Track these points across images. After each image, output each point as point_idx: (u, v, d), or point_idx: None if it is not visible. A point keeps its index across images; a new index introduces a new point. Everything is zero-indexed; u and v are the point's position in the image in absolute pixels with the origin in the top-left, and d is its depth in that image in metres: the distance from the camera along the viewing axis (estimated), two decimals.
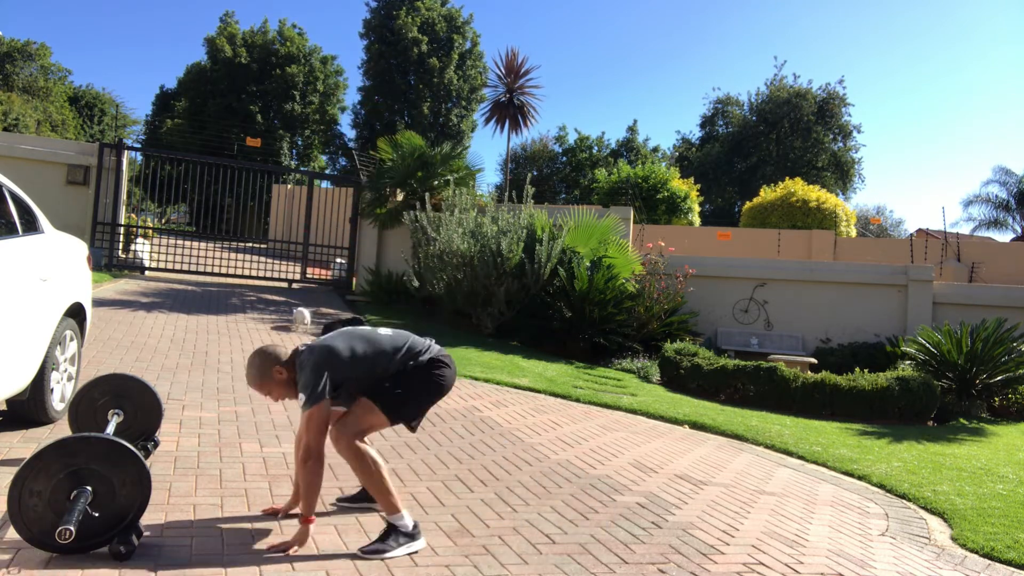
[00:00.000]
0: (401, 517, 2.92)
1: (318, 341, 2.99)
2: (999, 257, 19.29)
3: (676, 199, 22.58)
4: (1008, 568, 3.75)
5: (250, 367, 2.97)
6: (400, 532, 2.90)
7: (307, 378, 2.83)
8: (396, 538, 2.88)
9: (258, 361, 2.96)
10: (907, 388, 8.19)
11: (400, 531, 2.90)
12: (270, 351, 2.98)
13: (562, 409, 6.40)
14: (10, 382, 3.54)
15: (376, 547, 2.85)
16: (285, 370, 2.94)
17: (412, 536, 2.93)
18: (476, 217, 10.95)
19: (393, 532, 2.90)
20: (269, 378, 2.94)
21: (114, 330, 7.45)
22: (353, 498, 3.42)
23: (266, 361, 2.95)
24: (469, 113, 38.68)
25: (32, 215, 4.26)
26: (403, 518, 2.92)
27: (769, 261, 14.16)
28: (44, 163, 12.74)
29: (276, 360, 2.95)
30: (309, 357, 2.88)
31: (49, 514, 2.50)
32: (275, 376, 2.94)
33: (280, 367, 2.94)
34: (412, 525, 2.95)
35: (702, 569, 3.07)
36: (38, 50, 40.46)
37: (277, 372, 2.94)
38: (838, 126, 40.22)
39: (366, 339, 3.02)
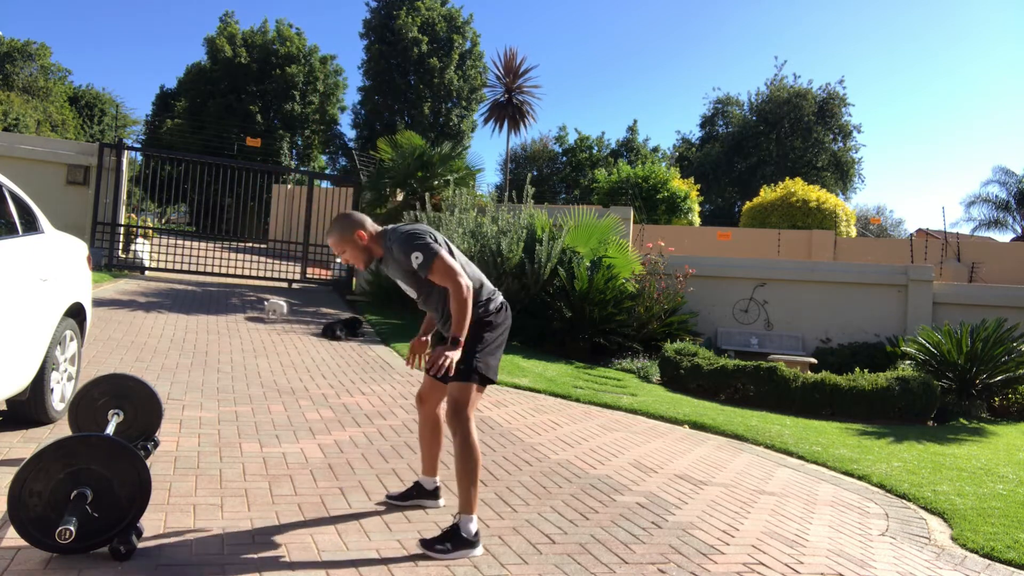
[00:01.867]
0: (471, 520, 2.92)
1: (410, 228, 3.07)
2: (999, 257, 19.29)
3: (676, 199, 22.58)
4: (1008, 568, 3.75)
5: (334, 223, 3.08)
6: (461, 537, 2.88)
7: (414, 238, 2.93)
8: (455, 542, 2.87)
9: (345, 220, 3.07)
10: (907, 388, 8.19)
11: (461, 535, 2.88)
12: (357, 216, 3.11)
13: (562, 409, 6.40)
14: (10, 382, 3.54)
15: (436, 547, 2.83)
16: (367, 236, 3.05)
17: (472, 544, 2.91)
18: (476, 217, 10.95)
19: (456, 535, 2.88)
20: (349, 236, 3.05)
21: (114, 330, 7.45)
22: (402, 496, 3.44)
23: (352, 223, 3.06)
24: (469, 113, 38.69)
25: (32, 215, 4.26)
26: (472, 521, 2.92)
27: (769, 261, 14.16)
28: (44, 163, 12.75)
29: (361, 225, 3.06)
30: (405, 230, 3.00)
31: (49, 514, 2.49)
32: (355, 237, 3.04)
33: (363, 232, 3.05)
34: (475, 531, 2.93)
35: (702, 569, 3.07)
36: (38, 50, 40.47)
37: (359, 235, 3.04)
38: (838, 126, 40.23)
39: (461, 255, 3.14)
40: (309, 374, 6.40)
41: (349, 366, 6.99)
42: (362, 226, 3.06)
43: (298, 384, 5.94)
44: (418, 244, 2.92)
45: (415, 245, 2.92)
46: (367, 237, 3.05)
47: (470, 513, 2.92)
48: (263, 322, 9.14)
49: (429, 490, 3.43)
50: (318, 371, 6.60)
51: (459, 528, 2.90)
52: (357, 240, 3.04)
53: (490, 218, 10.86)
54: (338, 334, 8.58)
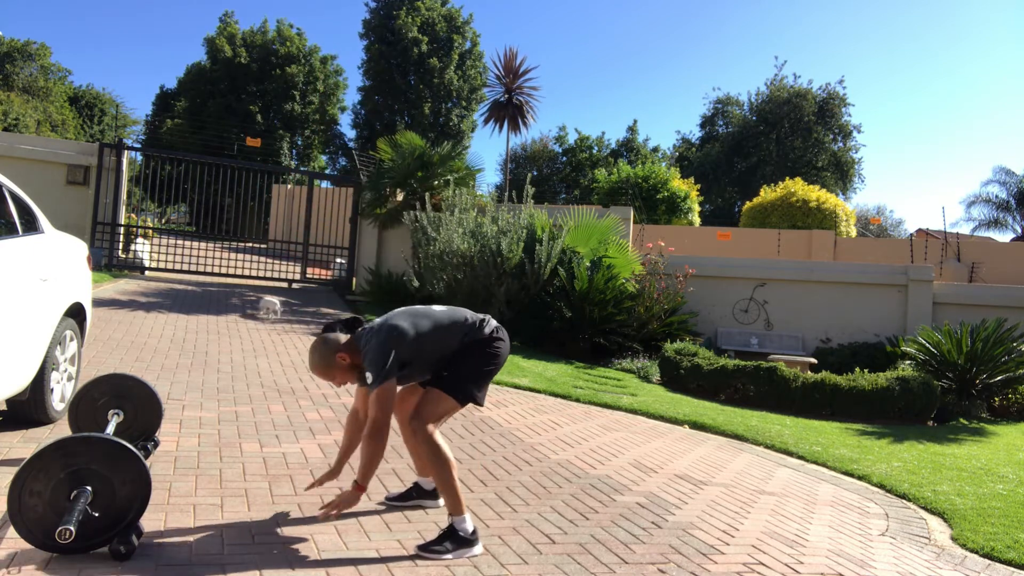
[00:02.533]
0: (464, 520, 2.92)
1: (381, 320, 3.05)
2: (999, 257, 19.29)
3: (676, 199, 22.58)
4: (1008, 568, 3.75)
5: (313, 354, 3.05)
6: (458, 537, 2.90)
7: (374, 357, 2.89)
8: (452, 542, 2.88)
9: (321, 349, 3.03)
10: (907, 388, 8.19)
11: (458, 535, 2.90)
12: (331, 338, 3.06)
13: (562, 409, 6.40)
14: (10, 382, 3.54)
15: (433, 548, 2.85)
16: (348, 355, 3.02)
17: (470, 542, 2.92)
18: (476, 217, 10.95)
19: (452, 535, 2.90)
20: (333, 364, 3.02)
21: (114, 330, 7.45)
22: (401, 496, 3.45)
23: (329, 348, 3.03)
24: (469, 113, 38.69)
25: (32, 215, 4.26)
26: (465, 521, 2.93)
27: (769, 261, 14.15)
28: (44, 163, 12.74)
29: (338, 346, 3.03)
30: (374, 337, 2.95)
31: (49, 514, 2.49)
32: (339, 362, 3.02)
33: (343, 353, 3.02)
34: (472, 529, 2.94)
35: (702, 569, 3.07)
36: (38, 50, 40.46)
37: (341, 358, 3.02)
38: (838, 126, 40.22)
39: (427, 316, 3.09)
40: (309, 374, 6.40)
41: None
42: (339, 348, 3.01)
43: (298, 384, 5.94)
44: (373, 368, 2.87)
45: (374, 364, 2.88)
46: (348, 356, 3.01)
47: (460, 514, 2.93)
48: (262, 322, 9.14)
49: (428, 490, 3.43)
50: None
51: (455, 528, 2.91)
52: (341, 362, 3.01)
53: (490, 218, 10.86)
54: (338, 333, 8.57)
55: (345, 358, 3.01)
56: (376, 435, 2.89)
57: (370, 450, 2.90)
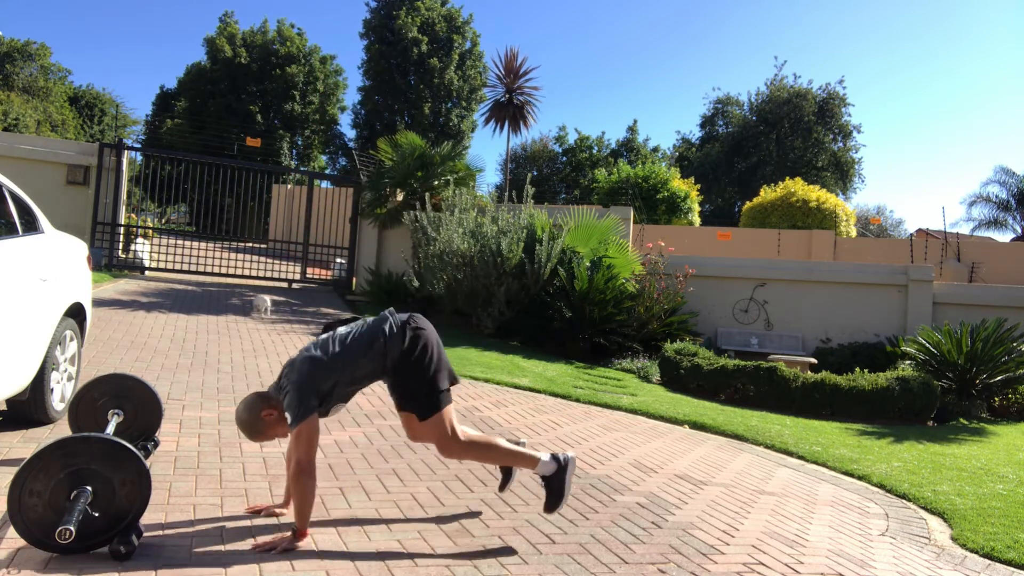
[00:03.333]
0: (544, 463, 3.11)
1: (294, 359, 2.94)
2: (999, 257, 19.30)
3: (676, 199, 22.58)
4: (1008, 568, 3.75)
5: (241, 425, 2.95)
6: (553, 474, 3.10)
7: (291, 398, 2.80)
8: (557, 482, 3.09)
9: (244, 415, 2.93)
10: (907, 388, 8.19)
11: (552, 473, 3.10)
12: (250, 399, 2.96)
13: (562, 409, 6.40)
14: (10, 382, 3.54)
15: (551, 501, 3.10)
16: (274, 410, 2.93)
17: (561, 463, 3.12)
18: (476, 217, 10.95)
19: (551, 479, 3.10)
20: (263, 424, 2.94)
21: (114, 330, 7.45)
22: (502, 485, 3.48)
23: (252, 410, 2.93)
24: (469, 113, 38.69)
25: (32, 215, 4.26)
26: (543, 459, 3.12)
27: (769, 261, 14.15)
28: (44, 163, 12.75)
29: (260, 404, 2.94)
30: (291, 376, 2.85)
31: (49, 514, 2.49)
32: (267, 420, 2.93)
33: (267, 408, 2.93)
34: (550, 456, 3.14)
35: (702, 569, 3.07)
36: (38, 50, 40.47)
37: (267, 415, 2.93)
38: (838, 126, 40.23)
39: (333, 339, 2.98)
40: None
41: None
42: (266, 404, 2.93)
43: None
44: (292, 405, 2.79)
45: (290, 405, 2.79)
46: (275, 411, 2.93)
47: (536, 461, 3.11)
48: (261, 321, 9.14)
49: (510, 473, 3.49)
50: None
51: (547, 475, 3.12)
52: (268, 419, 2.93)
53: (490, 218, 10.86)
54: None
55: (272, 413, 2.92)
56: (301, 476, 2.78)
57: (300, 491, 2.79)
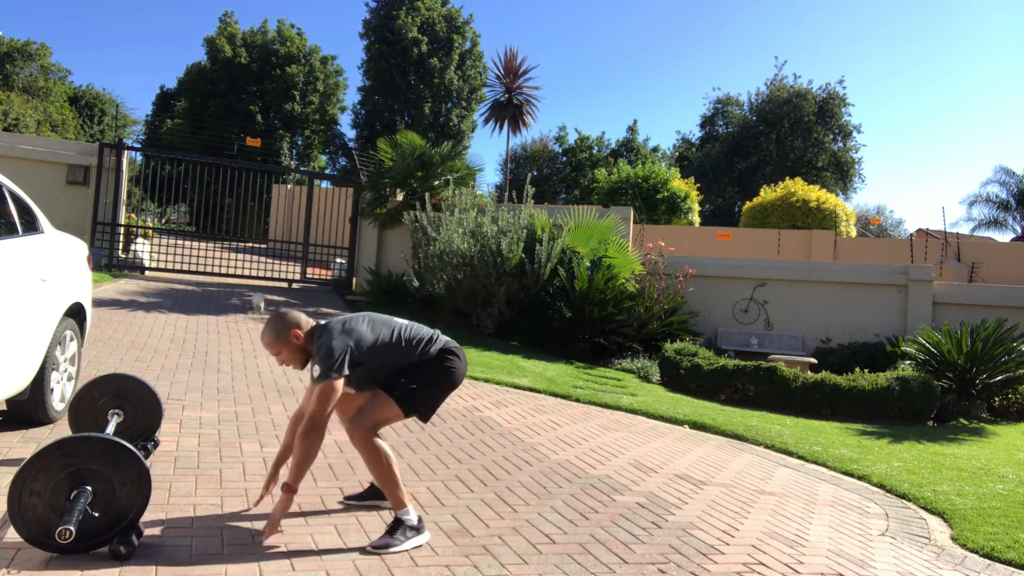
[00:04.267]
0: (407, 512, 2.97)
1: (341, 320, 3.04)
2: (999, 257, 19.29)
3: (676, 199, 22.58)
4: (1008, 568, 3.75)
5: (268, 325, 3.04)
6: (407, 526, 2.95)
7: (325, 352, 2.87)
8: (403, 532, 2.94)
9: (279, 321, 3.02)
10: (907, 388, 8.18)
11: (407, 525, 2.95)
12: (292, 315, 3.05)
13: (562, 409, 6.40)
14: (10, 382, 3.53)
15: (384, 541, 2.90)
16: (303, 336, 3.01)
17: (417, 530, 2.99)
18: (476, 217, 10.95)
19: (400, 527, 2.95)
20: (285, 339, 3.00)
21: (114, 330, 7.45)
22: (360, 496, 3.44)
23: (287, 323, 3.01)
24: (469, 113, 38.68)
25: (32, 215, 4.26)
26: (409, 512, 2.98)
27: (769, 261, 14.15)
28: (44, 163, 12.74)
29: (296, 324, 3.02)
30: (329, 332, 2.94)
31: (49, 514, 2.49)
32: (291, 339, 3.00)
33: (299, 331, 3.00)
34: (417, 520, 3.00)
35: (702, 569, 3.07)
36: (38, 50, 40.45)
37: (295, 335, 3.00)
38: (838, 126, 40.21)
39: (388, 325, 3.10)
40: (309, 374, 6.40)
41: None
42: (297, 325, 3.00)
43: (298, 384, 5.94)
44: (322, 361, 2.85)
45: (324, 359, 2.85)
46: (303, 337, 3.00)
47: (404, 507, 2.97)
48: (261, 321, 9.14)
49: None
50: None
51: (400, 520, 2.96)
52: (293, 340, 3.00)
53: (490, 218, 10.86)
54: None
55: (299, 336, 3.00)
56: (312, 433, 2.80)
57: (304, 448, 2.81)
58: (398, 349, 3.06)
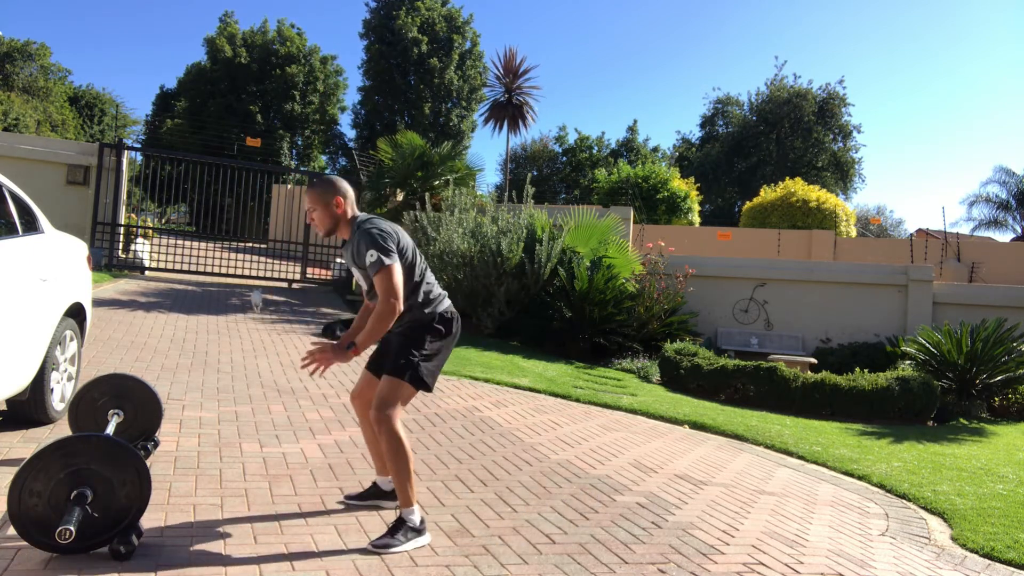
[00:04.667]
0: (412, 512, 2.98)
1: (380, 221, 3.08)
2: (999, 257, 19.29)
3: (676, 199, 22.57)
4: (1008, 568, 3.75)
5: (320, 181, 3.08)
6: (408, 527, 2.95)
7: (374, 239, 2.92)
8: (405, 532, 2.94)
9: (326, 183, 3.07)
10: (907, 388, 8.18)
11: (408, 526, 2.95)
12: (344, 184, 3.11)
13: (562, 409, 6.40)
14: (10, 382, 3.54)
15: (385, 541, 2.90)
16: (346, 206, 3.06)
17: (419, 531, 2.98)
18: (476, 217, 10.95)
19: (402, 527, 2.95)
20: (328, 200, 3.04)
21: (114, 330, 7.45)
22: (360, 496, 3.43)
23: (337, 188, 3.06)
24: (469, 113, 38.66)
25: (32, 215, 4.26)
26: (413, 512, 2.98)
27: (769, 261, 14.15)
28: (44, 163, 12.75)
29: (344, 193, 3.06)
30: (375, 224, 2.99)
31: (49, 514, 2.49)
32: (332, 204, 3.04)
33: (342, 200, 3.05)
34: (420, 521, 3.00)
35: (702, 569, 3.07)
36: (38, 50, 40.43)
37: (336, 203, 3.04)
38: (838, 126, 40.20)
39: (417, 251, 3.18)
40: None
41: (349, 366, 6.98)
42: (344, 196, 3.07)
43: (298, 384, 5.94)
44: (378, 246, 2.91)
45: (376, 245, 2.91)
46: (342, 210, 3.06)
47: (410, 506, 2.98)
48: (261, 321, 9.14)
49: (386, 491, 3.39)
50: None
51: (404, 519, 2.96)
52: (333, 206, 3.05)
53: (490, 218, 10.86)
54: (338, 334, 8.53)
55: (341, 206, 3.04)
56: (387, 316, 2.88)
57: (376, 326, 2.89)
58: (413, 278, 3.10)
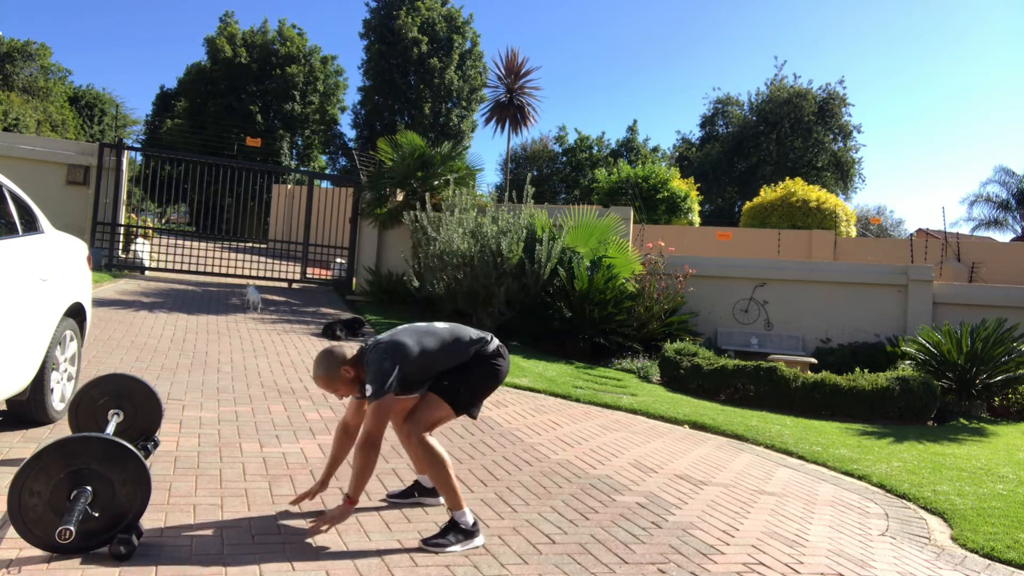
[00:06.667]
0: (464, 514, 3.02)
1: (387, 336, 3.08)
2: (999, 257, 19.29)
3: (676, 199, 22.58)
4: (1008, 568, 3.75)
5: (318, 366, 3.07)
6: (460, 529, 2.99)
7: (376, 371, 2.92)
8: (456, 534, 2.98)
9: (327, 361, 3.06)
10: (907, 388, 8.18)
11: (460, 527, 2.99)
12: (337, 351, 3.10)
13: (562, 409, 6.40)
14: (10, 382, 3.53)
15: (437, 541, 2.95)
16: (353, 369, 3.05)
17: (471, 533, 3.01)
18: (476, 217, 10.94)
19: (454, 528, 2.99)
20: (337, 376, 3.04)
21: (114, 330, 7.45)
22: (402, 493, 3.51)
23: (334, 360, 3.05)
24: (469, 113, 38.66)
25: (32, 215, 4.26)
26: (465, 515, 3.02)
27: (769, 261, 14.15)
28: (44, 163, 12.75)
29: (343, 359, 3.06)
30: (378, 353, 2.98)
31: (49, 514, 2.50)
32: (343, 375, 3.04)
33: (348, 366, 3.05)
34: (472, 522, 3.04)
35: (702, 569, 3.07)
36: (38, 50, 40.43)
37: (345, 371, 3.04)
38: (838, 126, 40.20)
39: (431, 334, 3.13)
40: (309, 374, 6.40)
41: None
42: (344, 361, 3.04)
43: (298, 384, 5.94)
44: (374, 380, 2.90)
45: (376, 378, 2.90)
46: (353, 370, 3.04)
47: (460, 508, 3.01)
48: (261, 321, 9.14)
49: (428, 488, 3.45)
50: None
51: (456, 521, 2.99)
52: (345, 375, 3.04)
53: (490, 218, 10.86)
54: (338, 334, 8.58)
55: (349, 371, 3.04)
56: (369, 447, 2.92)
57: (362, 462, 2.92)
58: (443, 355, 3.11)
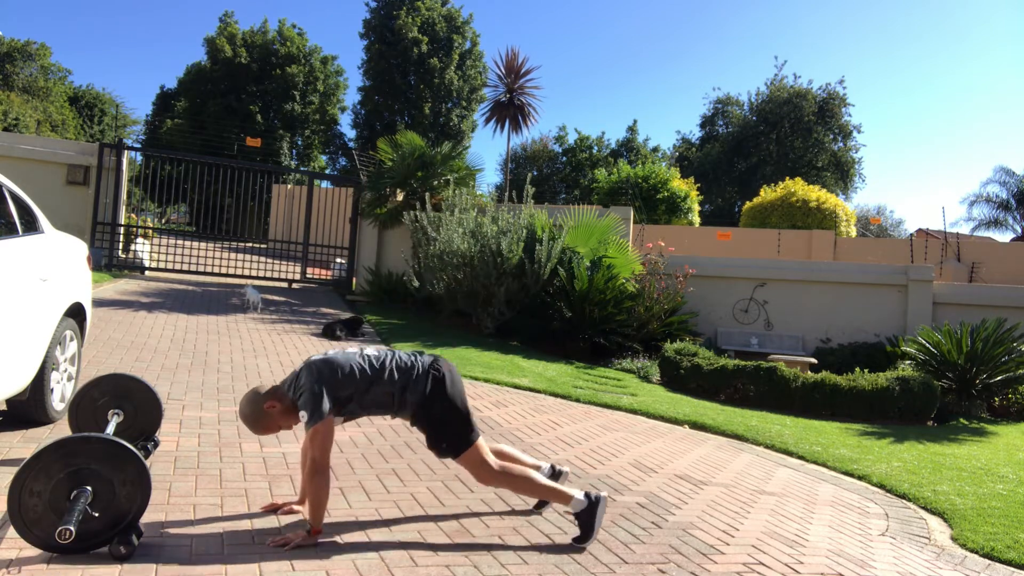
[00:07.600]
0: (577, 502, 3.15)
1: (315, 358, 3.01)
2: (999, 257, 19.29)
3: (676, 199, 22.58)
4: (1008, 568, 3.75)
5: (244, 418, 2.98)
6: (586, 511, 3.13)
7: (307, 396, 2.86)
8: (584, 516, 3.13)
9: (247, 408, 2.96)
10: (907, 388, 8.18)
11: (585, 513, 3.13)
12: (250, 394, 2.98)
13: (562, 409, 6.40)
14: (10, 382, 3.54)
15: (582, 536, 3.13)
16: (276, 402, 2.95)
17: (592, 501, 3.16)
18: (476, 217, 10.94)
19: (581, 515, 3.14)
20: (266, 417, 2.96)
21: (114, 330, 7.45)
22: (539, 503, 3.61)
23: (254, 403, 2.95)
24: (469, 113, 38.66)
25: (32, 215, 4.26)
26: (578, 499, 3.16)
27: (769, 261, 14.15)
28: (44, 163, 12.75)
29: (262, 397, 2.95)
30: (308, 376, 2.90)
31: (49, 514, 2.50)
32: (269, 412, 2.95)
33: (270, 401, 2.95)
34: (583, 494, 3.18)
35: (702, 569, 3.07)
36: (38, 50, 40.43)
37: (269, 407, 2.95)
38: (838, 126, 40.19)
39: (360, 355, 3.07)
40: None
41: None
42: (264, 397, 2.95)
43: None
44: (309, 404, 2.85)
45: (307, 403, 2.85)
46: (277, 403, 2.95)
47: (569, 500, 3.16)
48: (261, 321, 9.14)
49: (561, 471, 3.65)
50: None
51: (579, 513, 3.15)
52: (270, 411, 2.94)
53: (490, 218, 10.86)
54: (338, 334, 8.58)
55: (274, 405, 2.94)
56: (317, 475, 2.84)
57: (314, 490, 2.85)
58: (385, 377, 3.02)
